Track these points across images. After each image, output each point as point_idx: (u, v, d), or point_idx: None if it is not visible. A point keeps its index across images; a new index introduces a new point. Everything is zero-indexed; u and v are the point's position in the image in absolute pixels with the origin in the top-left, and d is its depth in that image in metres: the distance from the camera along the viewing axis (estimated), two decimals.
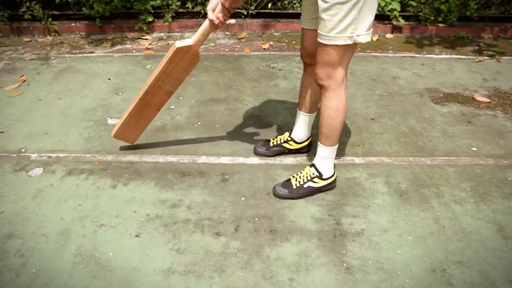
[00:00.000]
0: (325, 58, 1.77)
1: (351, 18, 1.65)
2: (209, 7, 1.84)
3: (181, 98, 3.03)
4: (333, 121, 1.90)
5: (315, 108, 2.21)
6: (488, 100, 3.05)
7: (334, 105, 1.87)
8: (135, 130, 2.36)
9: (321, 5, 1.67)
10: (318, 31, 1.74)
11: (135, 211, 2.00)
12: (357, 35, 1.69)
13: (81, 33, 4.27)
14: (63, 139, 2.57)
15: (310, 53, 1.99)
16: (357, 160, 2.38)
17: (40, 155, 2.42)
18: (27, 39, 4.19)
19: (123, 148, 2.48)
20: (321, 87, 1.86)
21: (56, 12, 4.32)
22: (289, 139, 2.35)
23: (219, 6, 1.81)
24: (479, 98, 3.07)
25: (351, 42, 1.70)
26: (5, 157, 2.41)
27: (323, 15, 1.68)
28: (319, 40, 1.75)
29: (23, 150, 2.47)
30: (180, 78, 2.12)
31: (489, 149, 2.50)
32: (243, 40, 4.13)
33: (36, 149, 2.48)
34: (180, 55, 2.00)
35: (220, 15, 1.82)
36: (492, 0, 4.35)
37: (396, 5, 4.10)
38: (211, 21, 1.86)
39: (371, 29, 1.74)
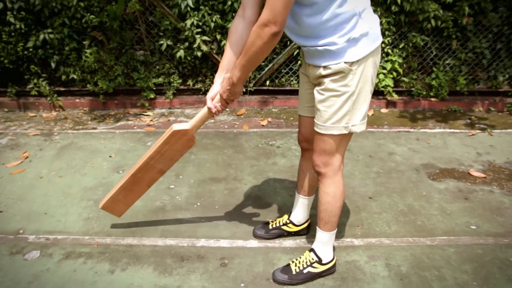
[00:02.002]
0: (322, 147, 1.83)
1: (346, 110, 1.73)
2: (208, 95, 1.92)
3: (180, 177, 3.06)
4: (331, 207, 1.93)
5: (314, 191, 2.25)
6: (483, 175, 3.09)
7: (331, 191, 1.90)
8: (123, 205, 2.37)
9: (317, 96, 1.76)
10: (315, 120, 1.82)
11: None
12: (352, 125, 1.77)
13: (85, 109, 4.41)
14: (62, 220, 2.57)
15: (307, 139, 2.06)
16: (356, 241, 2.37)
17: (38, 237, 2.41)
18: (32, 114, 4.32)
19: (122, 227, 2.47)
20: (319, 174, 1.91)
21: (61, 88, 4.49)
22: (288, 221, 2.35)
23: (218, 96, 1.89)
24: (475, 173, 3.11)
25: (346, 132, 1.77)
26: (2, 238, 2.40)
27: (319, 106, 1.76)
28: (315, 129, 1.82)
29: (21, 231, 2.46)
30: (173, 159, 2.16)
31: (488, 227, 2.50)
32: (242, 116, 4.25)
33: (34, 230, 2.47)
34: (176, 137, 2.04)
35: (218, 104, 1.90)
36: (479, 76, 4.54)
37: (389, 81, 4.27)
38: (209, 109, 1.93)
39: (366, 119, 1.82)
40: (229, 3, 4.04)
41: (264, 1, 1.77)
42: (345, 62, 1.65)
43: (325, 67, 1.69)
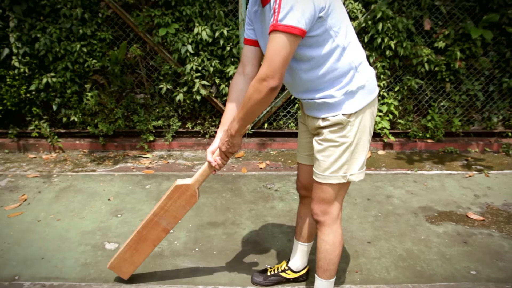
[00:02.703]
0: (320, 195, 1.85)
1: (344, 160, 1.77)
2: (209, 149, 1.95)
3: (179, 221, 3.05)
4: (329, 255, 1.93)
5: (312, 238, 2.25)
6: (481, 218, 3.09)
7: (330, 240, 1.90)
8: (130, 264, 2.30)
9: (316, 146, 1.80)
10: (314, 169, 1.85)
11: None
12: (350, 175, 1.80)
13: (85, 151, 4.44)
14: (59, 265, 2.54)
15: (306, 186, 2.09)
16: None
17: (33, 283, 2.38)
18: (32, 156, 4.34)
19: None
20: (317, 222, 1.92)
21: (62, 130, 4.54)
22: (286, 268, 2.34)
23: (218, 150, 1.92)
24: (473, 216, 3.12)
25: (344, 181, 1.80)
26: None
27: (318, 156, 1.80)
28: (314, 177, 1.85)
29: (17, 277, 2.43)
30: (177, 217, 2.14)
31: (488, 272, 2.48)
32: (241, 159, 4.28)
33: (30, 276, 2.44)
34: (179, 193, 2.06)
35: (218, 158, 1.91)
36: (474, 117, 4.62)
37: (386, 124, 4.34)
38: (209, 163, 1.95)
39: (364, 167, 1.85)
40: (228, 48, 4.16)
41: (263, 58, 1.85)
42: (343, 114, 1.71)
43: (323, 119, 1.74)
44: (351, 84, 1.69)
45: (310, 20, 1.51)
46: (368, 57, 4.19)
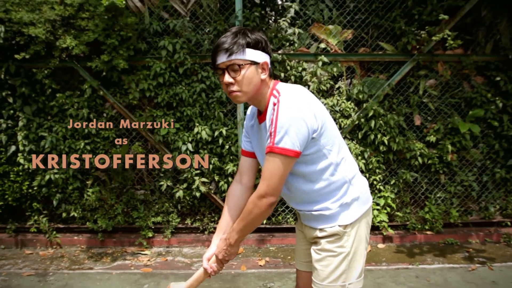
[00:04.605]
0: None
1: (343, 269, 1.79)
2: (205, 256, 1.96)
3: None
4: None
5: None
6: None
7: None
8: None
9: (314, 256, 1.84)
10: (312, 278, 1.86)
11: None
12: (349, 284, 1.81)
13: (82, 247, 4.40)
14: None
15: None
16: None
17: None
18: (29, 252, 4.30)
19: None
20: None
21: (60, 225, 4.53)
22: None
23: (214, 257, 1.93)
24: None
25: None
26: None
27: (316, 265, 1.82)
28: (313, 286, 1.85)
29: None
30: None
31: None
32: (240, 256, 4.22)
33: None
34: None
35: (214, 265, 1.92)
36: (471, 207, 4.66)
37: (384, 217, 4.36)
38: (205, 269, 1.95)
39: (362, 275, 1.86)
40: (227, 147, 4.31)
41: (258, 166, 1.96)
42: (339, 225, 1.77)
43: (321, 230, 1.80)
44: (345, 196, 1.77)
45: (304, 142, 1.63)
46: (362, 153, 4.34)
